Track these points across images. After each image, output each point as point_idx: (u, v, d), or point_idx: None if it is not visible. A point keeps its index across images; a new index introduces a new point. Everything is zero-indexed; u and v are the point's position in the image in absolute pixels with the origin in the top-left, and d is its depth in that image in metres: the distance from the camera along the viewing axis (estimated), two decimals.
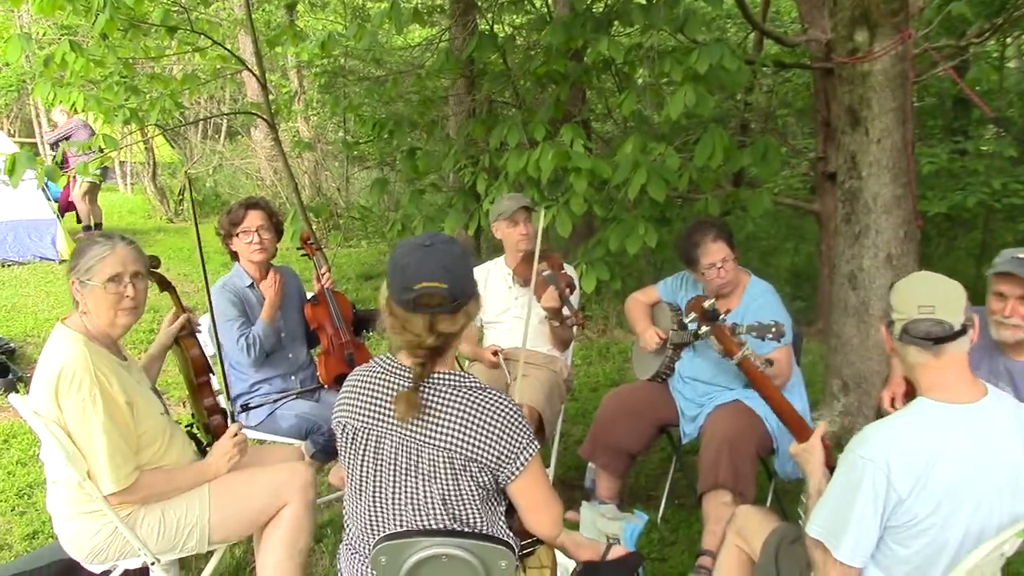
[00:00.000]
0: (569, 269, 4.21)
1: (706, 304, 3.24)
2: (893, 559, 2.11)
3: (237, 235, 3.74)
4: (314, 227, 9.41)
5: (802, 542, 2.47)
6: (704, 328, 3.27)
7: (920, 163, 6.66)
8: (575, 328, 4.07)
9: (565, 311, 3.93)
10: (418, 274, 1.99)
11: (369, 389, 2.13)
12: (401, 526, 2.07)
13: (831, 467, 2.30)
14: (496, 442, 1.99)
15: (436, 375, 2.06)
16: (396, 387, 2.08)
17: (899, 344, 2.15)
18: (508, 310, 4.21)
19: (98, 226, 11.62)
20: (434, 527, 2.04)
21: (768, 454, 3.58)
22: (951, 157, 7.22)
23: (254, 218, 3.73)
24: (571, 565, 2.50)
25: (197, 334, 3.21)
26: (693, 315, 3.31)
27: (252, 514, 2.85)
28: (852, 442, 2.12)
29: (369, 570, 2.13)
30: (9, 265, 9.70)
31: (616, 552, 2.51)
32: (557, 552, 2.52)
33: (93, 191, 11.53)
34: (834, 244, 4.87)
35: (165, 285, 3.17)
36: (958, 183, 7.21)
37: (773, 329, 3.24)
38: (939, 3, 6.41)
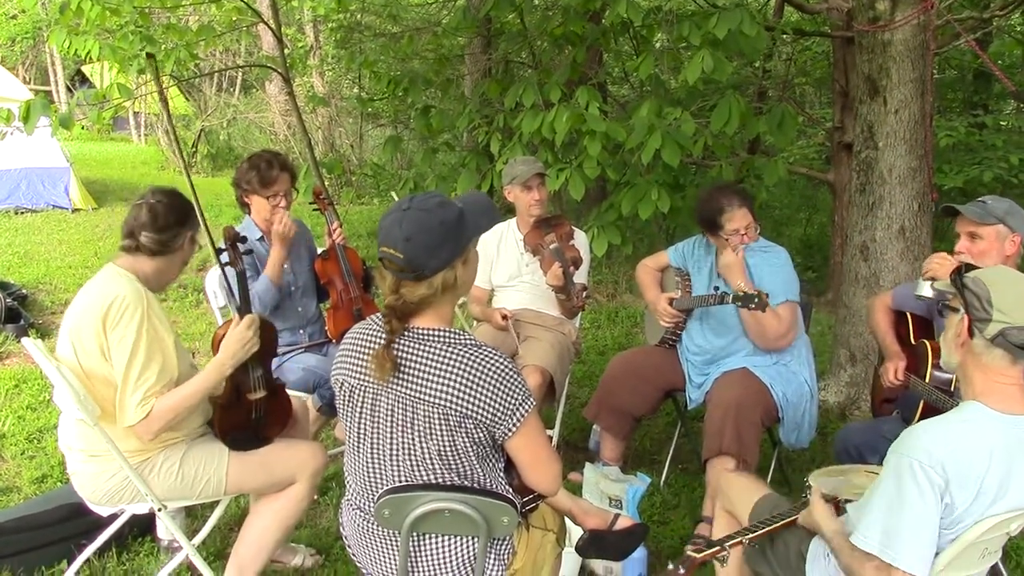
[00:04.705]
0: (579, 236, 4.21)
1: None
2: None
3: (268, 197, 3.69)
4: (326, 183, 9.40)
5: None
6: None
7: (938, 136, 6.61)
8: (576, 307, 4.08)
9: (568, 290, 3.93)
10: (386, 237, 2.00)
11: (364, 347, 2.11)
12: (399, 481, 2.08)
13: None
14: (491, 399, 1.98)
15: (431, 331, 2.05)
16: None
17: (984, 343, 2.02)
18: (519, 276, 4.21)
19: None
20: (434, 482, 2.05)
21: (773, 423, 3.58)
22: (969, 131, 7.16)
23: (284, 181, 3.72)
24: (578, 532, 2.51)
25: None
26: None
27: (267, 481, 2.88)
28: (903, 446, 1.99)
29: (369, 525, 2.15)
30: (22, 212, 9.74)
31: (623, 522, 2.53)
32: (565, 518, 2.53)
33: None
34: (847, 215, 4.85)
35: None
36: (975, 157, 7.16)
37: (756, 299, 3.26)
38: None
